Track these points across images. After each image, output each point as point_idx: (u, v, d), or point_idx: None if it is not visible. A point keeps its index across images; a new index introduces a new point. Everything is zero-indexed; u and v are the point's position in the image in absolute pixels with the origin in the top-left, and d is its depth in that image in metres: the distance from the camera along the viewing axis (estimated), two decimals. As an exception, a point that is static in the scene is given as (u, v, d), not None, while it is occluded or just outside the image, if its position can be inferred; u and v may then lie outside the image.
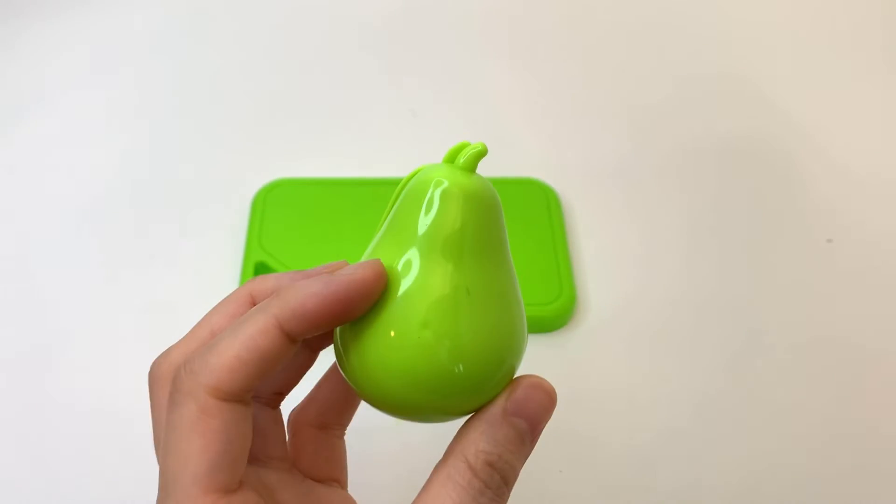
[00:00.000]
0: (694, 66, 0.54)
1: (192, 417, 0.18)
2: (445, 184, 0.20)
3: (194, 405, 0.18)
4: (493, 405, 0.20)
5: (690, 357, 0.36)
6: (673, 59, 0.55)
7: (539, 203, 0.41)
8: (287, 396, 0.24)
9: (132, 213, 0.42)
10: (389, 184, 0.37)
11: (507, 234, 0.21)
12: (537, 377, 0.20)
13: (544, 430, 0.23)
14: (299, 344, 0.19)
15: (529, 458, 0.22)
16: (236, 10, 0.57)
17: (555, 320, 0.36)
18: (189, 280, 0.38)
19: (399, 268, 0.19)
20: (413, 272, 0.19)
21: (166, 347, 0.22)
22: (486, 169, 0.34)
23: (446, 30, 0.56)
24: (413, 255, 0.19)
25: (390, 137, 0.47)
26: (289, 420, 0.24)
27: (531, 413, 0.20)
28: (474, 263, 0.19)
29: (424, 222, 0.19)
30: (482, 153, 0.21)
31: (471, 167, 0.20)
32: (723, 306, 0.38)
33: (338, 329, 0.21)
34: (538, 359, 0.35)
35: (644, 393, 0.34)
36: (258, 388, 0.21)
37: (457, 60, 0.54)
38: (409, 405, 0.20)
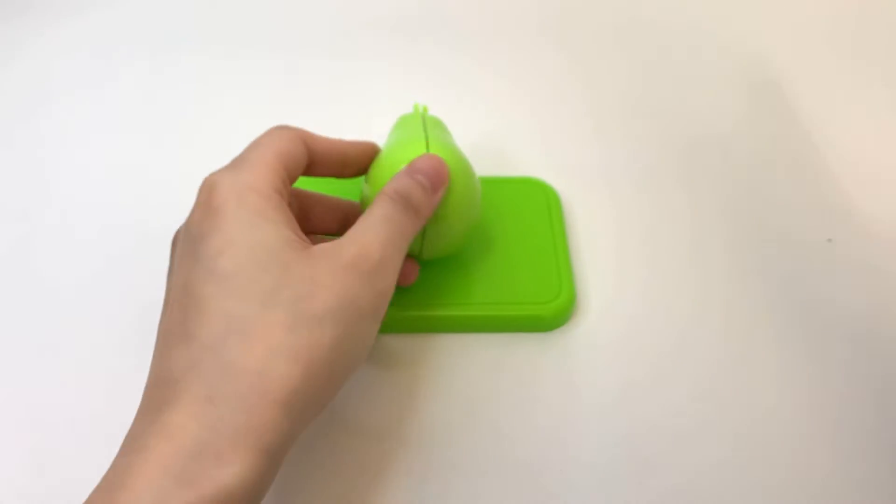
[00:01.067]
0: (694, 66, 0.54)
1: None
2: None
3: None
4: (403, 168, 0.30)
5: (690, 356, 0.36)
6: (674, 58, 0.54)
7: (539, 202, 0.41)
8: None
9: (139, 215, 0.42)
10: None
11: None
12: (433, 155, 0.30)
13: (544, 429, 0.32)
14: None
15: (529, 457, 0.30)
16: (237, 11, 0.57)
17: (554, 319, 0.36)
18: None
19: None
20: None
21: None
22: (486, 168, 0.34)
23: (446, 29, 0.56)
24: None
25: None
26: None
27: (427, 172, 0.30)
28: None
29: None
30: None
31: None
32: (723, 305, 0.38)
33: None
34: (538, 358, 0.35)
35: (643, 392, 0.34)
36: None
37: (457, 60, 0.54)
38: None
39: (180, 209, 0.42)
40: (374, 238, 0.27)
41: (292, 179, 0.29)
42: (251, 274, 0.24)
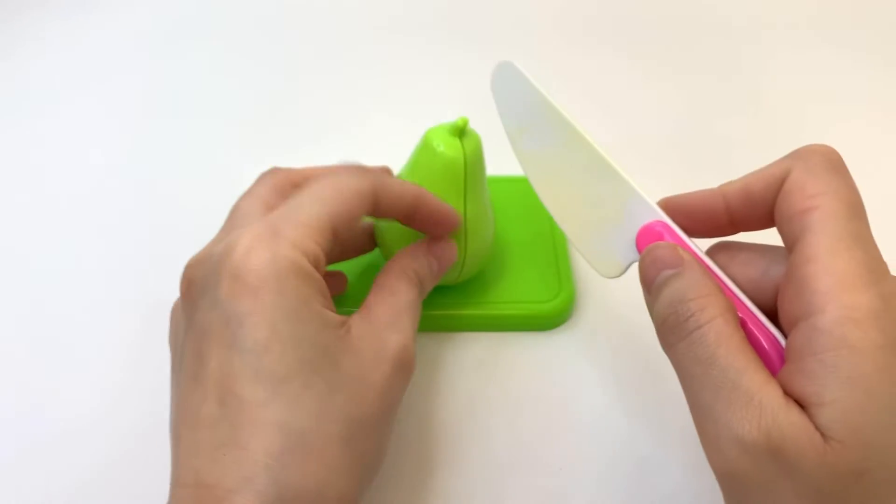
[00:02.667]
0: (694, 65, 0.54)
1: None
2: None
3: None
4: (420, 243, 0.30)
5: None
6: (673, 57, 0.54)
7: (539, 202, 0.40)
8: None
9: (135, 211, 0.42)
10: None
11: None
12: (449, 239, 0.31)
13: (544, 428, 0.31)
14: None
15: (528, 456, 0.31)
16: (237, 11, 0.57)
17: (553, 318, 0.36)
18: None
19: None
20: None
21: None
22: (487, 168, 0.34)
23: (446, 29, 0.56)
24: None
25: (390, 138, 0.47)
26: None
27: (442, 257, 0.30)
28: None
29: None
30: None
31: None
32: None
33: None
34: (537, 356, 0.35)
35: (643, 391, 0.34)
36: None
37: (457, 60, 0.54)
38: None
39: (182, 207, 0.43)
40: (408, 326, 0.27)
41: (338, 241, 0.26)
42: (304, 378, 0.22)
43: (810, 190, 0.21)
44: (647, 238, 0.25)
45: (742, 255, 0.24)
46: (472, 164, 0.31)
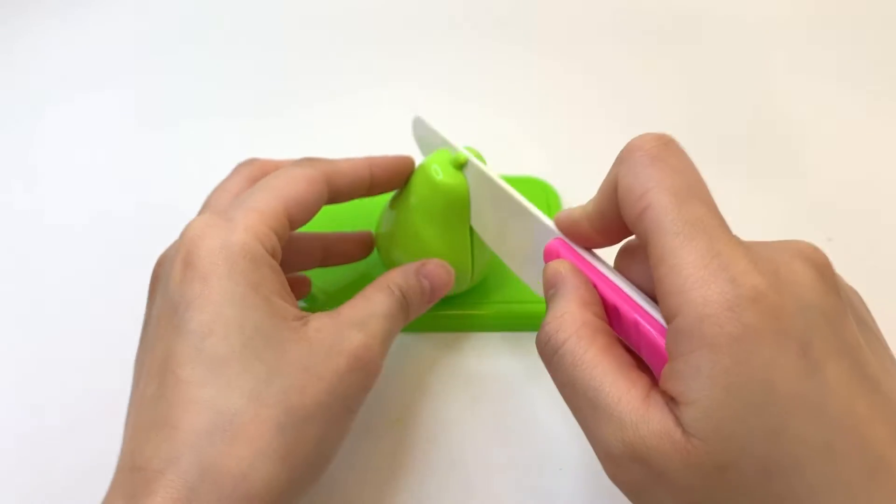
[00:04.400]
0: (694, 64, 0.54)
1: None
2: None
3: None
4: (413, 263, 0.30)
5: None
6: (672, 57, 0.55)
7: (539, 202, 0.40)
8: None
9: (141, 212, 0.42)
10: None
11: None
12: (445, 264, 0.31)
13: (547, 427, 0.32)
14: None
15: (528, 455, 0.31)
16: (237, 13, 0.57)
17: (554, 319, 0.36)
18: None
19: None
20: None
21: None
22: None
23: (446, 30, 0.56)
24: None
25: (390, 137, 0.47)
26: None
27: (434, 280, 0.30)
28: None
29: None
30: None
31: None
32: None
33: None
34: (535, 356, 0.35)
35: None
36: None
37: (457, 61, 0.54)
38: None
39: (179, 209, 0.43)
40: (376, 331, 0.26)
41: (295, 227, 0.27)
42: (244, 362, 0.22)
43: (637, 191, 0.20)
44: (548, 257, 0.25)
45: (640, 253, 0.23)
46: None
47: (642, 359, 0.22)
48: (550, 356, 0.22)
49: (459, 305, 0.35)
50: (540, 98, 0.51)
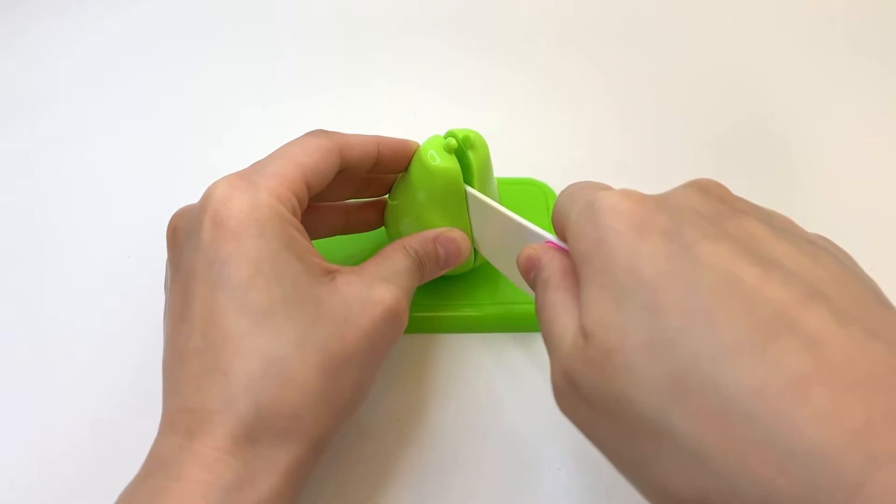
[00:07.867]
0: (693, 64, 0.54)
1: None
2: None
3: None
4: (432, 230, 0.31)
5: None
6: (672, 57, 0.55)
7: (539, 203, 0.41)
8: None
9: (144, 211, 0.42)
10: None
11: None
12: (463, 235, 0.32)
13: (546, 428, 0.32)
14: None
15: (528, 454, 0.31)
16: (239, 12, 0.57)
17: (554, 319, 0.36)
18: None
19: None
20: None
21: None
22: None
23: (446, 31, 0.56)
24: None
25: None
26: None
27: (449, 249, 0.31)
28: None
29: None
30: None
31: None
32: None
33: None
34: (535, 355, 0.35)
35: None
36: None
37: (456, 61, 0.54)
38: None
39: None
40: (403, 286, 0.28)
41: (313, 194, 0.28)
42: (287, 312, 0.24)
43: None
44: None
45: None
46: (480, 168, 0.32)
47: None
48: (533, 285, 0.25)
49: (459, 307, 0.36)
50: (540, 99, 0.51)
